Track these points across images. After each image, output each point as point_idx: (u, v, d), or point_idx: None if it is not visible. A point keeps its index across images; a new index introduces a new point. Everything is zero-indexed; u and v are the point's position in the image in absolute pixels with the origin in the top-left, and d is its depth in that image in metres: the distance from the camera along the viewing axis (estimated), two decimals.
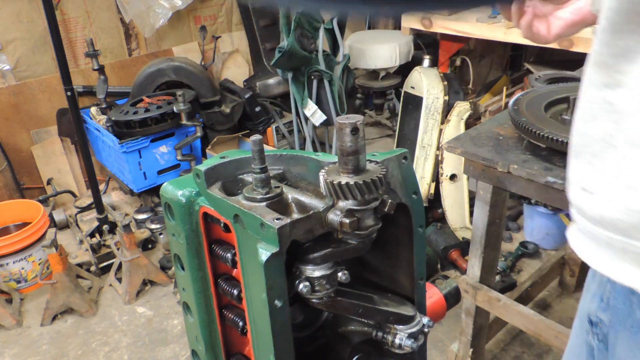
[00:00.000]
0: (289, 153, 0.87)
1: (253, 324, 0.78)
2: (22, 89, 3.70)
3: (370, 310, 0.82)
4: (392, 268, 0.91)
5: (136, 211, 3.61)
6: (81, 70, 3.92)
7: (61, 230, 3.55)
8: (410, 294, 0.90)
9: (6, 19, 3.53)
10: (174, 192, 0.84)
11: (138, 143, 3.44)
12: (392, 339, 0.84)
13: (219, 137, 3.85)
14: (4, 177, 3.72)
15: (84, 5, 3.84)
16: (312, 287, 0.73)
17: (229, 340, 0.92)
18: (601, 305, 0.86)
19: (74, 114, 3.07)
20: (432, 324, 0.86)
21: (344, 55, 3.64)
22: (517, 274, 3.01)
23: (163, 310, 2.94)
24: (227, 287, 0.84)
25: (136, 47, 4.18)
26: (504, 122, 1.82)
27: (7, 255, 2.96)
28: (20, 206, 3.33)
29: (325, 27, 3.48)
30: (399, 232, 0.86)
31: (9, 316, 2.85)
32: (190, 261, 0.86)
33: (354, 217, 0.70)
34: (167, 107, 3.48)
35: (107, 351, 2.69)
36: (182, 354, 2.64)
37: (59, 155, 3.87)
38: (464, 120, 3.04)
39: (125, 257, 2.95)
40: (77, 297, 2.85)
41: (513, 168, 1.57)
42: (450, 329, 2.61)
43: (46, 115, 3.80)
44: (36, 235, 3.03)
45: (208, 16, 4.41)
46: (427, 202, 3.24)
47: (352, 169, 0.71)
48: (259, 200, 0.74)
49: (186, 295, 0.90)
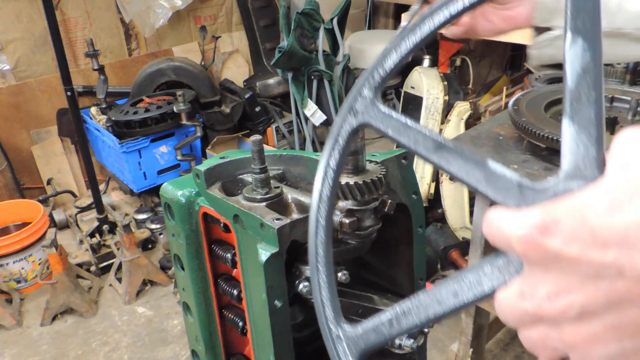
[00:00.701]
0: (289, 153, 0.87)
1: (253, 324, 0.78)
2: (22, 89, 3.70)
3: (370, 310, 0.82)
4: (392, 268, 0.91)
5: (136, 211, 3.61)
6: (81, 70, 3.92)
7: (61, 230, 3.55)
8: (410, 294, 0.90)
9: (6, 19, 3.53)
10: (174, 192, 0.84)
11: (138, 143, 3.44)
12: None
13: (219, 137, 3.85)
14: (4, 177, 3.72)
15: (84, 5, 3.84)
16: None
17: (229, 340, 0.92)
18: None
19: (74, 114, 3.07)
20: (432, 324, 0.86)
21: (344, 55, 3.64)
22: None
23: (163, 310, 2.94)
24: (227, 287, 0.84)
25: (136, 47, 4.18)
26: (504, 122, 1.82)
27: (7, 255, 2.96)
28: (20, 206, 3.33)
29: (325, 27, 3.48)
30: (399, 232, 0.86)
31: (9, 316, 2.85)
32: (190, 261, 0.86)
33: (353, 217, 0.70)
34: (167, 107, 3.47)
35: (107, 351, 2.69)
36: (182, 354, 2.64)
37: (59, 155, 3.87)
38: (464, 120, 3.04)
39: (125, 257, 2.95)
40: (77, 297, 2.85)
41: (513, 168, 1.57)
42: (450, 329, 2.61)
43: (46, 115, 3.80)
44: (36, 235, 3.03)
45: (208, 16, 4.41)
46: (427, 202, 3.23)
47: (352, 169, 0.71)
48: (259, 201, 0.74)
49: (186, 295, 0.90)
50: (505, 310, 0.41)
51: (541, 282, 0.38)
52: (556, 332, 0.38)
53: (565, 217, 0.36)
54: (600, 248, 0.34)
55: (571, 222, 0.36)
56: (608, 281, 0.35)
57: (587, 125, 0.40)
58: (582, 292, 0.36)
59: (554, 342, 0.39)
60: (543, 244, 0.36)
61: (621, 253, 0.34)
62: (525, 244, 0.37)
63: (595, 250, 0.35)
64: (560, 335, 0.38)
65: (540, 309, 0.38)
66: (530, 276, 0.39)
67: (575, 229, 0.35)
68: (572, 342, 0.37)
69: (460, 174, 0.44)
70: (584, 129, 0.40)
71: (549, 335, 0.39)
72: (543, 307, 0.38)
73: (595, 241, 0.35)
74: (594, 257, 0.35)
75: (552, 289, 0.37)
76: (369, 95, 0.50)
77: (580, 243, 0.35)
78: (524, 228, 0.37)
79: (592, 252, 0.35)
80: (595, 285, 0.35)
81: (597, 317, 0.36)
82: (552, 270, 0.37)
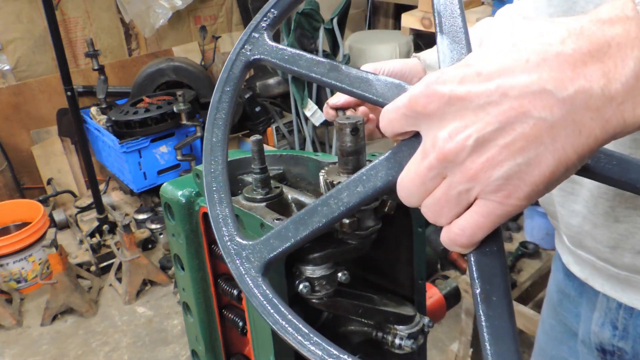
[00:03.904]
0: (289, 153, 0.87)
1: (253, 324, 0.78)
2: (22, 89, 3.70)
3: (370, 310, 0.82)
4: (392, 268, 0.91)
5: (136, 211, 3.61)
6: (81, 70, 3.92)
7: (61, 230, 3.55)
8: (410, 294, 0.90)
9: (6, 19, 3.53)
10: (174, 192, 0.84)
11: (138, 143, 3.44)
12: (392, 339, 0.84)
13: None
14: (4, 177, 3.72)
15: (84, 5, 3.84)
16: (312, 288, 0.73)
17: (229, 340, 0.92)
18: (617, 334, 0.84)
19: (74, 114, 3.07)
20: (432, 324, 0.86)
21: (344, 55, 3.64)
22: (517, 274, 3.01)
23: (163, 310, 2.94)
24: (227, 287, 0.84)
25: (136, 47, 4.18)
26: None
27: (7, 255, 2.96)
28: (20, 206, 3.33)
29: (325, 27, 3.48)
30: (399, 232, 0.86)
31: (9, 316, 2.85)
32: (190, 261, 0.86)
33: (353, 217, 0.70)
34: (167, 107, 3.47)
35: (107, 351, 2.69)
36: (182, 354, 2.64)
37: (59, 155, 3.87)
38: None
39: (125, 257, 2.95)
40: (77, 297, 2.85)
41: None
42: (450, 329, 2.61)
43: (46, 115, 3.80)
44: (36, 235, 3.03)
45: (208, 16, 4.41)
46: None
47: (352, 169, 0.71)
48: (259, 201, 0.74)
49: (186, 295, 0.90)
50: (410, 178, 0.44)
51: (440, 130, 0.41)
52: (459, 172, 0.41)
53: (450, 70, 0.42)
54: (485, 81, 0.40)
55: (456, 71, 0.41)
56: (495, 105, 0.39)
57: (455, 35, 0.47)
58: (476, 122, 0.40)
59: (457, 186, 0.41)
60: (435, 91, 0.41)
61: (502, 80, 0.39)
62: (417, 98, 0.42)
63: (482, 84, 0.40)
64: (462, 172, 0.41)
65: (442, 152, 0.41)
66: (429, 132, 0.42)
67: (461, 74, 0.41)
68: (472, 173, 0.40)
69: (352, 87, 0.49)
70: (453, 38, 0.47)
71: (452, 182, 0.42)
72: (445, 148, 0.41)
73: (480, 78, 0.40)
74: (481, 89, 0.39)
75: (451, 129, 0.41)
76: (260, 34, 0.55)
77: (468, 82, 0.40)
78: (413, 90, 0.43)
79: (479, 86, 0.40)
80: (485, 112, 0.39)
81: (492, 142, 0.39)
82: (448, 115, 0.41)
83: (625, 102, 0.38)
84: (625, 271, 0.78)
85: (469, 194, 0.41)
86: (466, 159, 0.40)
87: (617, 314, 0.83)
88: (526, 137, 0.39)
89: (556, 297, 1.02)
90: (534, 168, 0.39)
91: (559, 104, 0.38)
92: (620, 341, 0.84)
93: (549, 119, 0.38)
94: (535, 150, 0.39)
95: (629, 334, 0.82)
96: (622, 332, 0.83)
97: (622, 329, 0.83)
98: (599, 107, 0.38)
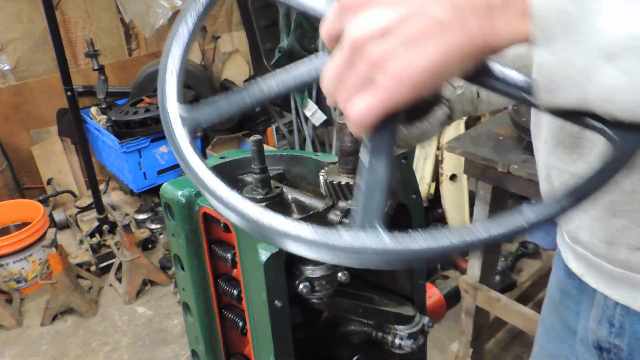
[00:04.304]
0: (289, 153, 0.87)
1: (253, 324, 0.78)
2: (22, 89, 3.70)
3: (370, 310, 0.82)
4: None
5: (136, 211, 3.61)
6: (81, 70, 3.92)
7: (61, 230, 3.55)
8: (410, 294, 0.90)
9: (6, 19, 3.53)
10: (174, 192, 0.84)
11: (138, 143, 3.44)
12: (392, 339, 0.84)
13: (219, 137, 3.85)
14: (4, 177, 3.72)
15: (84, 5, 3.84)
16: (312, 287, 0.73)
17: (229, 340, 0.92)
18: (613, 331, 0.85)
19: (74, 114, 3.07)
20: (432, 324, 0.86)
21: None
22: (517, 274, 3.01)
23: (163, 310, 2.94)
24: (227, 287, 0.84)
25: (136, 47, 4.18)
26: (504, 122, 1.82)
27: (7, 255, 2.96)
28: (20, 206, 3.33)
29: None
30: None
31: (9, 316, 2.85)
32: (190, 261, 0.86)
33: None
34: None
35: (107, 351, 2.69)
36: (182, 354, 2.64)
37: (59, 155, 3.87)
38: (464, 120, 3.03)
39: (125, 257, 2.95)
40: (77, 297, 2.85)
41: (513, 168, 1.57)
42: (450, 329, 2.61)
43: (46, 115, 3.80)
44: (36, 235, 3.03)
45: (208, 16, 4.40)
46: (427, 202, 3.23)
47: (352, 169, 0.71)
48: (259, 201, 0.74)
49: (186, 295, 0.90)
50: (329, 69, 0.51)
51: (354, 23, 0.48)
52: (363, 60, 0.48)
53: None
54: None
55: None
56: (403, 3, 0.47)
57: None
58: (384, 15, 0.47)
59: (360, 72, 0.48)
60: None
61: None
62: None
63: None
64: (368, 57, 0.47)
65: (352, 40, 0.48)
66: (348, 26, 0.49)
67: None
68: (375, 60, 0.47)
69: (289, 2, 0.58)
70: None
71: (358, 69, 0.48)
72: (354, 37, 0.48)
73: None
74: None
75: (363, 21, 0.48)
76: None
77: None
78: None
79: None
80: (393, 7, 0.47)
81: (394, 35, 0.46)
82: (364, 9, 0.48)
83: (501, 15, 0.45)
84: (620, 268, 0.78)
85: (371, 79, 0.48)
86: (371, 48, 0.47)
87: (614, 312, 0.84)
88: (422, 31, 0.46)
89: (557, 296, 1.02)
90: (422, 59, 0.46)
91: (452, 8, 0.46)
92: (617, 338, 0.84)
93: (442, 18, 0.46)
94: (427, 44, 0.46)
95: (625, 331, 0.83)
96: (618, 330, 0.84)
97: (619, 326, 0.83)
98: (481, 15, 0.46)
